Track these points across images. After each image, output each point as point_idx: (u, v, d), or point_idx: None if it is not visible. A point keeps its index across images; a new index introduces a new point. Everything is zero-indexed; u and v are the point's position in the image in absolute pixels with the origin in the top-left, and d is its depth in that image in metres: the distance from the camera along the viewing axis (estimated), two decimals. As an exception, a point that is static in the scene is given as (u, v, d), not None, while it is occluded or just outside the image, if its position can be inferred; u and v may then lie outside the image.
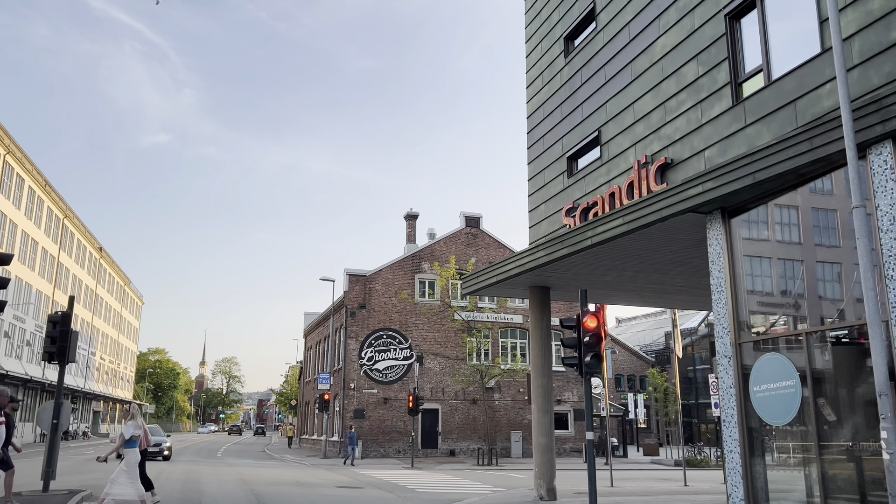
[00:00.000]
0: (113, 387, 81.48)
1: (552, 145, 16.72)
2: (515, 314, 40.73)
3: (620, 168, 13.97)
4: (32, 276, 50.80)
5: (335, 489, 18.30)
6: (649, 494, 17.64)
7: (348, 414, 36.64)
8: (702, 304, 18.98)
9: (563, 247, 13.71)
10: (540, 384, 16.51)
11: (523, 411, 39.64)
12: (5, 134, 45.45)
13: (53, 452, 13.46)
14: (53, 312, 14.05)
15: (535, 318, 16.93)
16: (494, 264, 16.62)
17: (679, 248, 13.09)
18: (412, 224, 42.41)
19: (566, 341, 10.15)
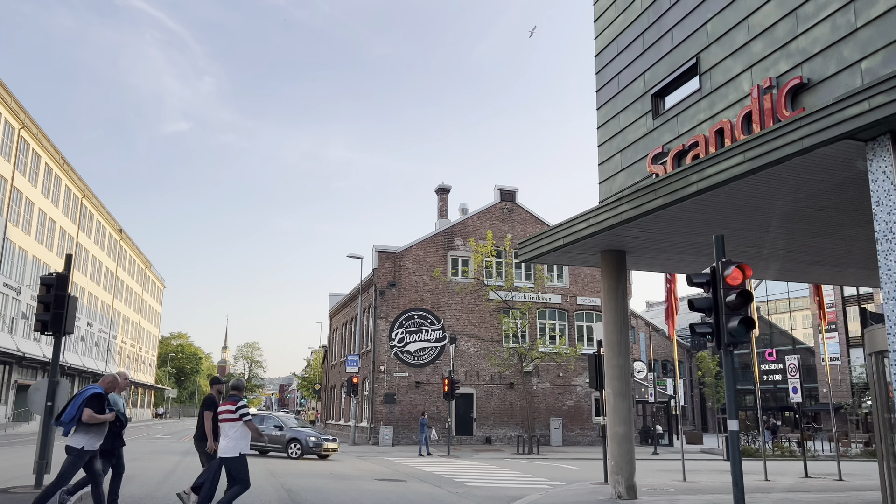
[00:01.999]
0: (135, 371, 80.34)
1: (630, 83, 14.20)
2: (554, 294, 38.30)
3: (730, 99, 11.44)
4: (50, 255, 49.20)
5: (375, 482, 16.09)
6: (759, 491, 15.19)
7: (378, 398, 34.53)
8: (809, 274, 16.36)
9: (655, 197, 11.24)
10: (616, 364, 14.11)
11: (563, 396, 37.30)
12: (20, 108, 43.66)
13: (48, 441, 11.32)
14: (47, 274, 11.86)
15: (609, 288, 14.49)
16: (559, 224, 14.16)
17: (806, 194, 10.57)
18: (444, 198, 40.02)
19: (697, 303, 7.74)
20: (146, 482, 14.47)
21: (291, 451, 23.48)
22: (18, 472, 15.83)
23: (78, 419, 8.47)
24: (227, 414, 8.74)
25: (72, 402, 8.60)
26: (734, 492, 7.25)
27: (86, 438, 8.60)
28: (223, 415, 8.80)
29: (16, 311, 44.27)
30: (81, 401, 8.53)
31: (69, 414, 8.50)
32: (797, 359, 21.03)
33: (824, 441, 38.18)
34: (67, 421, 8.51)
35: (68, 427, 8.58)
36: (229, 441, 8.64)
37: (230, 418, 8.70)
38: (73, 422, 8.48)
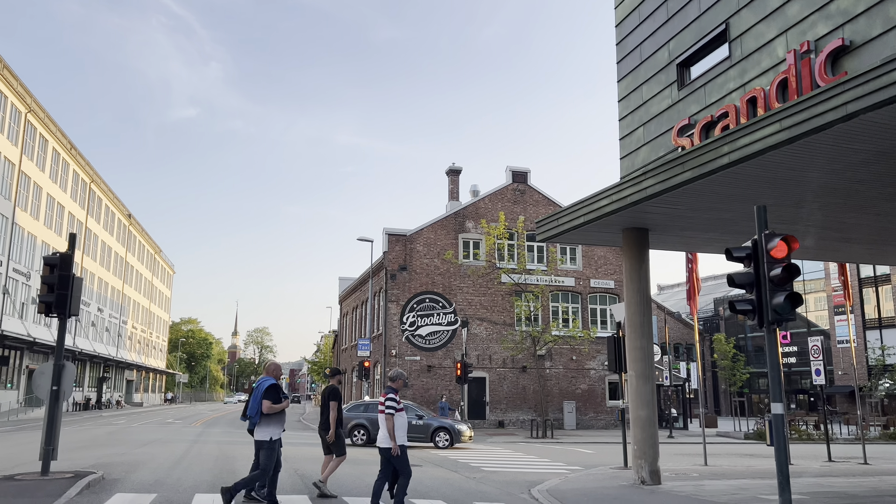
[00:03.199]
0: (146, 356, 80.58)
1: (654, 53, 13.61)
2: (567, 276, 37.79)
3: (763, 65, 10.86)
4: (59, 240, 49.03)
5: (390, 468, 15.72)
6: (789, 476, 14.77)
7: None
8: (839, 252, 15.78)
9: (683, 170, 10.71)
10: (638, 346, 13.64)
11: (576, 380, 36.92)
12: (27, 92, 43.32)
13: (54, 426, 10.96)
14: (51, 254, 11.44)
15: (631, 268, 13.99)
16: (580, 201, 13.64)
17: (844, 165, 10.02)
18: (455, 180, 39.47)
19: (737, 278, 7.24)
20: (156, 468, 14.17)
21: (439, 440, 22.81)
22: (26, 457, 15.59)
23: (259, 411, 8.92)
24: (382, 405, 8.79)
25: (252, 397, 9.02)
26: (779, 479, 6.79)
27: (270, 429, 9.07)
28: (382, 405, 8.82)
29: (26, 296, 44.20)
30: (260, 394, 8.92)
31: (253, 408, 8.95)
32: (820, 341, 20.50)
33: (841, 424, 37.66)
34: (254, 415, 8.96)
35: (255, 421, 9.02)
36: (383, 432, 8.72)
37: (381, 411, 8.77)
38: (258, 415, 8.92)
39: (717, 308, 67.47)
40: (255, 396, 8.98)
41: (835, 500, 11.37)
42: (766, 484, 13.30)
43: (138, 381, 78.66)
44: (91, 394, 59.16)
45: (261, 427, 9.07)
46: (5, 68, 39.76)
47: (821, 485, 13.50)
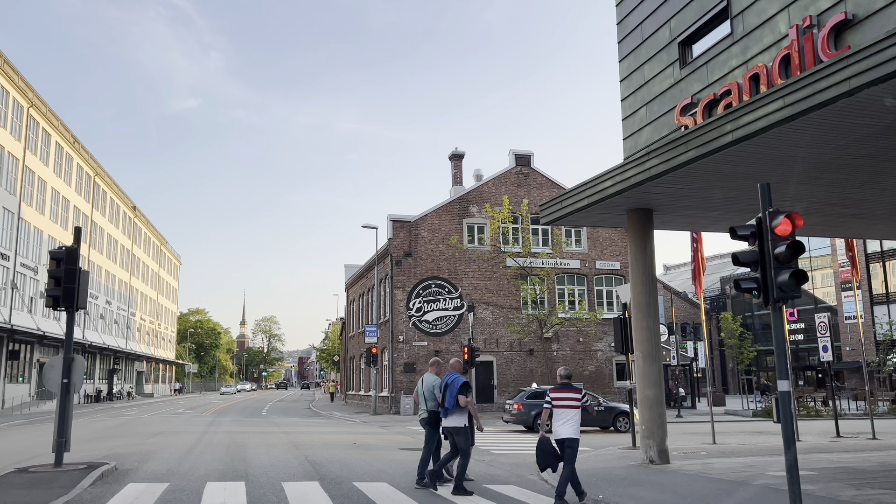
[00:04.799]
0: (155, 347, 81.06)
1: (655, 31, 13.51)
2: (573, 259, 37.76)
3: (765, 42, 10.77)
4: (65, 234, 49.22)
5: (400, 452, 15.85)
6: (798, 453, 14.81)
7: (398, 368, 34.39)
8: (844, 228, 15.71)
9: (687, 149, 10.66)
10: (645, 326, 13.65)
11: (584, 362, 37.00)
12: (28, 87, 43.32)
13: (66, 419, 11.06)
14: (57, 248, 11.50)
15: (636, 248, 13.96)
16: (583, 183, 13.60)
17: (848, 140, 9.95)
18: (458, 165, 39.37)
19: (742, 257, 7.22)
20: (168, 457, 14.31)
21: (620, 424, 22.90)
22: (39, 450, 15.76)
23: (455, 403, 9.92)
24: (571, 401, 9.23)
25: (448, 391, 9.98)
26: (786, 455, 6.81)
27: (462, 418, 10.05)
28: (567, 401, 9.23)
29: (34, 290, 44.45)
30: (456, 389, 9.91)
31: (450, 401, 9.94)
32: (827, 317, 20.46)
33: (849, 399, 37.69)
34: (451, 406, 9.96)
35: (450, 411, 10.01)
36: (572, 425, 9.14)
37: (573, 405, 9.21)
38: (454, 407, 9.94)
39: (724, 287, 67.37)
40: (451, 391, 9.93)
41: (843, 475, 11.41)
42: (774, 461, 13.35)
43: (148, 372, 79.19)
44: (102, 386, 59.63)
45: (453, 416, 10.01)
46: (6, 63, 39.74)
47: (830, 460, 13.54)
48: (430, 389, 10.57)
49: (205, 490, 10.03)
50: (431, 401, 10.51)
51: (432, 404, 10.50)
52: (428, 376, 10.82)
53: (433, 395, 10.49)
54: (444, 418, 10.13)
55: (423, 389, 10.67)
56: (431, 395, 10.52)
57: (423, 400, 10.64)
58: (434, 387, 10.55)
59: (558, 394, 9.33)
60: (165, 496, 9.53)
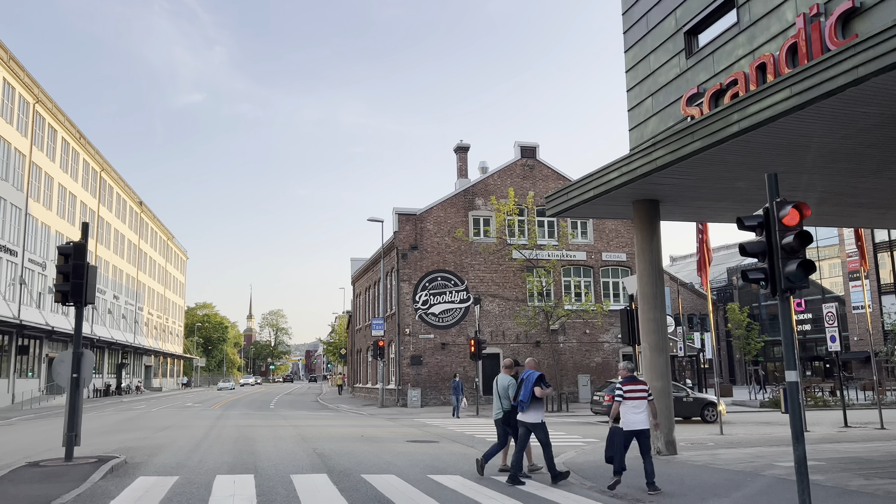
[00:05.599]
0: (163, 341, 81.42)
1: (661, 22, 13.44)
2: (578, 251, 37.72)
3: (772, 31, 10.71)
4: (72, 230, 49.41)
5: (408, 444, 15.91)
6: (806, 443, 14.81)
7: (405, 360, 34.46)
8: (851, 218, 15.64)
9: (693, 140, 10.63)
10: (651, 318, 13.65)
11: (590, 353, 37.01)
12: (34, 83, 43.42)
13: (76, 413, 11.14)
14: (64, 243, 11.55)
15: (643, 240, 13.95)
16: (589, 175, 13.58)
17: (855, 130, 9.91)
18: (463, 157, 39.31)
19: (749, 247, 7.19)
20: (177, 451, 14.40)
21: (707, 414, 22.78)
22: (49, 444, 15.87)
23: (531, 396, 10.13)
24: (641, 392, 9.65)
25: (523, 386, 10.24)
26: (794, 446, 6.80)
27: (539, 412, 10.34)
28: (637, 392, 9.66)
29: (42, 286, 44.69)
30: (532, 383, 10.15)
31: (526, 395, 10.14)
32: (834, 307, 20.39)
33: (857, 389, 37.60)
34: (526, 400, 10.15)
35: (525, 405, 10.19)
36: (645, 415, 9.61)
37: (640, 396, 9.63)
38: (529, 401, 10.14)
39: (731, 277, 67.18)
40: (527, 385, 10.19)
41: (852, 465, 11.41)
42: (781, 451, 13.35)
43: (156, 367, 79.59)
44: (110, 380, 59.96)
45: (530, 411, 10.25)
46: (12, 59, 39.82)
47: (837, 450, 13.53)
48: (504, 389, 10.89)
49: (214, 483, 10.09)
50: (506, 399, 10.85)
51: (507, 403, 10.83)
52: (502, 377, 11.12)
53: (507, 394, 10.80)
54: (521, 412, 10.38)
55: (497, 389, 11.00)
56: (506, 394, 10.84)
57: (497, 400, 10.97)
58: (508, 386, 10.85)
59: (629, 386, 9.72)
60: (175, 489, 9.60)
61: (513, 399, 10.61)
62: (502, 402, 10.87)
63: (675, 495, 9.21)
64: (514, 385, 10.75)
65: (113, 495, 9.08)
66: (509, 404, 10.74)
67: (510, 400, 10.70)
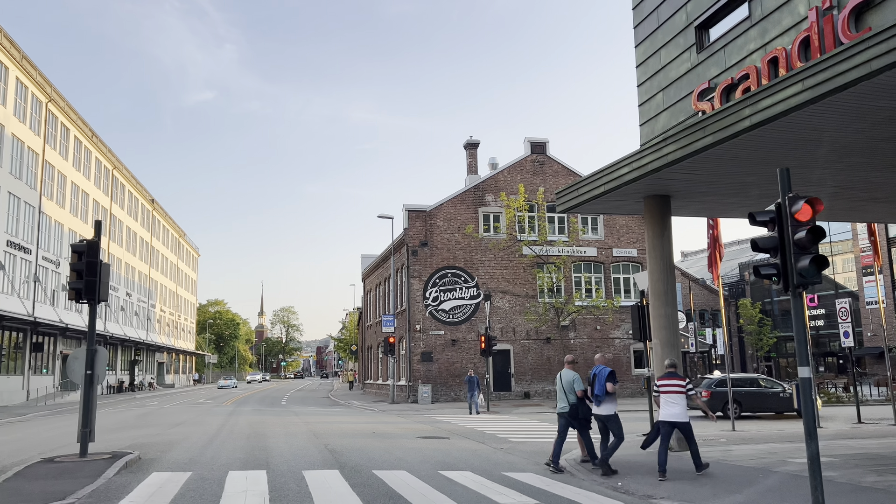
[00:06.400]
0: (175, 338, 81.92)
1: (671, 16, 13.37)
2: (589, 246, 37.62)
3: (784, 24, 10.63)
4: (85, 227, 49.79)
5: (419, 440, 15.95)
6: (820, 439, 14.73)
7: (415, 357, 34.52)
8: (864, 213, 15.52)
9: (704, 135, 10.58)
10: (663, 314, 13.61)
11: (601, 350, 36.87)
12: (46, 82, 43.73)
13: (90, 409, 11.25)
14: (78, 241, 11.65)
15: (654, 235, 13.90)
16: (600, 170, 13.54)
17: (869, 124, 9.82)
18: (473, 153, 39.26)
19: (762, 243, 7.15)
20: (190, 447, 14.50)
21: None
22: (64, 440, 16.03)
23: (605, 391, 10.64)
24: (676, 387, 10.30)
25: (596, 381, 10.75)
26: (807, 443, 6.76)
27: (612, 406, 10.82)
28: (672, 387, 10.32)
29: (56, 283, 45.05)
30: (604, 377, 10.66)
31: (600, 389, 10.68)
32: (848, 302, 20.23)
33: (870, 385, 37.32)
34: (601, 395, 10.68)
35: (601, 399, 10.73)
36: (682, 409, 10.23)
37: (678, 390, 10.27)
38: (604, 395, 10.67)
39: (742, 273, 66.77)
40: (599, 380, 10.68)
41: (865, 462, 11.34)
42: (794, 447, 13.28)
43: (169, 363, 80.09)
44: (124, 377, 60.42)
45: (605, 405, 10.76)
46: (24, 59, 40.11)
47: (850, 446, 13.45)
48: (568, 384, 11.15)
49: (227, 479, 10.16)
50: (571, 394, 11.10)
51: (572, 398, 11.08)
52: (565, 372, 11.36)
53: (572, 388, 11.09)
54: (595, 406, 10.91)
55: (562, 384, 11.24)
56: (570, 389, 11.11)
57: (562, 394, 11.22)
58: (572, 381, 11.14)
59: (664, 381, 10.40)
60: (189, 485, 9.67)
61: (589, 394, 11.02)
62: (567, 397, 11.13)
63: (687, 491, 9.19)
64: (579, 380, 11.13)
65: (127, 491, 9.16)
66: (575, 398, 11.04)
67: (575, 394, 11.02)
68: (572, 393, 11.07)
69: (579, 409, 11.06)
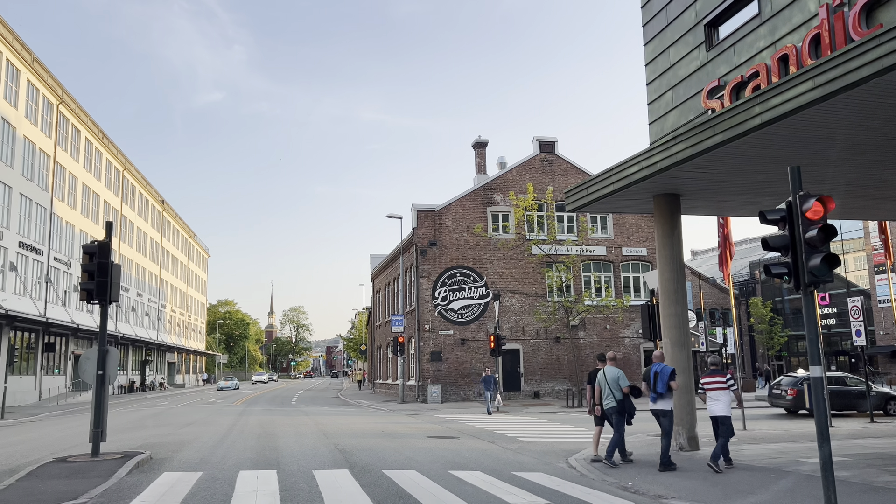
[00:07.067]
0: (185, 338, 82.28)
1: (680, 14, 13.31)
2: (598, 245, 37.52)
3: (794, 22, 10.56)
4: (96, 228, 50.08)
5: (428, 440, 15.96)
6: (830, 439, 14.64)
7: (424, 357, 34.55)
8: (876, 210, 15.40)
9: (714, 133, 10.52)
10: (673, 313, 13.55)
11: (611, 349, 36.76)
12: (57, 84, 44.02)
13: (101, 409, 11.32)
14: (89, 242, 11.72)
15: (664, 234, 13.84)
16: (609, 169, 13.50)
17: (881, 121, 9.75)
18: (481, 153, 39.23)
19: (772, 241, 7.11)
20: (201, 447, 14.56)
21: (891, 408, 21.94)
22: (76, 440, 16.14)
23: (667, 389, 11.06)
24: (717, 384, 10.91)
25: (659, 378, 11.07)
26: (819, 441, 6.72)
27: (669, 402, 11.19)
28: (715, 384, 10.93)
29: (68, 284, 45.35)
30: (667, 375, 11.05)
31: (662, 387, 11.04)
32: (860, 301, 20.09)
33: (883, 384, 37.04)
34: (663, 391, 11.05)
35: (663, 395, 11.09)
36: (722, 404, 10.85)
37: (721, 387, 10.88)
38: (667, 391, 11.07)
39: (753, 272, 66.41)
40: (662, 378, 11.04)
41: (878, 461, 11.25)
42: (805, 447, 13.21)
43: (179, 363, 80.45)
44: (135, 377, 60.75)
45: (664, 400, 11.12)
46: (35, 61, 40.39)
47: (863, 446, 13.36)
48: (613, 380, 11.45)
49: (238, 478, 10.19)
50: (617, 390, 11.40)
51: (619, 394, 11.39)
52: (609, 369, 11.64)
53: (617, 385, 11.41)
54: (653, 402, 11.20)
55: (606, 381, 11.53)
56: (616, 386, 11.42)
57: (608, 391, 11.48)
58: (617, 378, 11.46)
59: (708, 379, 11.03)
60: (200, 484, 9.71)
61: (645, 389, 11.45)
62: (614, 393, 11.39)
63: (699, 491, 9.15)
64: (623, 376, 11.49)
65: (139, 490, 9.21)
66: (621, 394, 11.34)
67: (621, 390, 11.35)
68: (617, 389, 11.38)
69: (625, 405, 11.38)
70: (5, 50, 36.59)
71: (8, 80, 37.04)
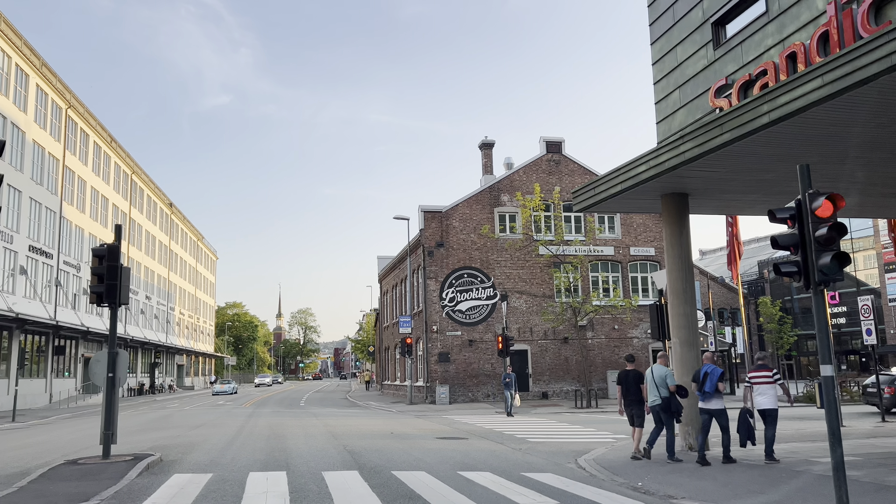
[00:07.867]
0: (194, 341, 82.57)
1: (687, 13, 13.27)
2: (606, 245, 37.42)
3: (802, 19, 10.51)
4: (105, 232, 50.34)
5: (437, 441, 15.96)
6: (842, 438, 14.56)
7: (432, 357, 34.54)
8: (886, 209, 15.32)
9: (722, 132, 10.48)
10: (682, 312, 13.50)
11: (619, 349, 36.71)
12: (66, 88, 44.29)
13: (112, 412, 11.37)
14: (98, 245, 11.78)
15: (672, 234, 13.79)
16: (617, 169, 13.47)
17: (890, 118, 9.70)
18: (488, 154, 39.21)
19: (782, 240, 7.08)
20: (211, 448, 14.61)
21: None
22: (87, 442, 16.22)
23: (715, 389, 11.41)
24: (764, 378, 11.60)
25: (708, 379, 11.44)
26: (830, 440, 6.69)
27: (720, 401, 11.52)
28: (761, 378, 11.63)
29: (77, 287, 45.61)
30: (716, 377, 11.40)
31: (711, 387, 11.40)
32: (870, 300, 19.97)
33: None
34: (711, 391, 11.41)
35: (711, 395, 11.45)
36: (769, 398, 11.58)
37: (767, 381, 11.59)
38: (715, 391, 11.41)
39: (762, 271, 66.16)
40: (711, 378, 11.40)
41: (889, 461, 11.19)
42: (816, 447, 13.14)
43: (188, 366, 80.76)
44: (144, 379, 61.02)
45: (715, 399, 11.47)
46: (44, 66, 40.65)
47: (874, 445, 13.28)
48: (661, 378, 11.76)
49: (247, 480, 10.22)
50: (663, 388, 11.72)
51: (664, 391, 11.70)
52: (657, 367, 11.93)
53: (664, 383, 11.73)
54: (702, 402, 11.62)
55: (654, 379, 11.84)
56: (663, 384, 11.74)
57: (654, 388, 11.80)
58: (664, 376, 11.78)
59: (754, 373, 11.75)
60: (210, 486, 9.74)
61: (694, 389, 11.79)
62: (659, 391, 11.70)
63: (709, 491, 9.12)
64: (671, 375, 11.86)
65: (149, 492, 9.25)
66: (667, 392, 11.64)
67: (668, 388, 11.65)
68: (664, 387, 11.68)
69: (671, 403, 11.64)
70: (14, 55, 36.84)
71: (17, 85, 37.29)
